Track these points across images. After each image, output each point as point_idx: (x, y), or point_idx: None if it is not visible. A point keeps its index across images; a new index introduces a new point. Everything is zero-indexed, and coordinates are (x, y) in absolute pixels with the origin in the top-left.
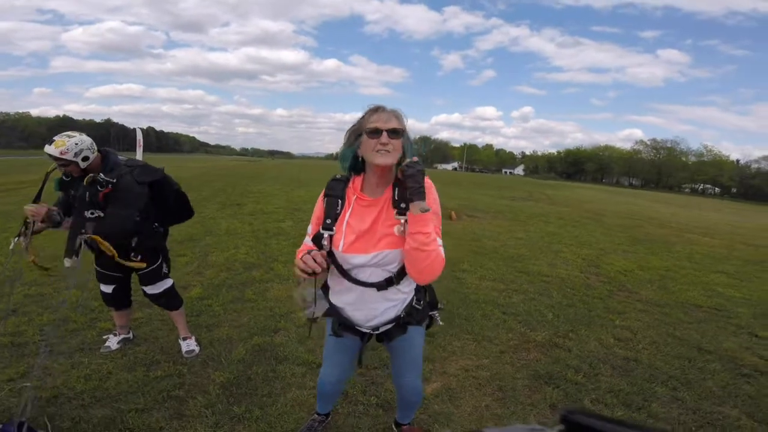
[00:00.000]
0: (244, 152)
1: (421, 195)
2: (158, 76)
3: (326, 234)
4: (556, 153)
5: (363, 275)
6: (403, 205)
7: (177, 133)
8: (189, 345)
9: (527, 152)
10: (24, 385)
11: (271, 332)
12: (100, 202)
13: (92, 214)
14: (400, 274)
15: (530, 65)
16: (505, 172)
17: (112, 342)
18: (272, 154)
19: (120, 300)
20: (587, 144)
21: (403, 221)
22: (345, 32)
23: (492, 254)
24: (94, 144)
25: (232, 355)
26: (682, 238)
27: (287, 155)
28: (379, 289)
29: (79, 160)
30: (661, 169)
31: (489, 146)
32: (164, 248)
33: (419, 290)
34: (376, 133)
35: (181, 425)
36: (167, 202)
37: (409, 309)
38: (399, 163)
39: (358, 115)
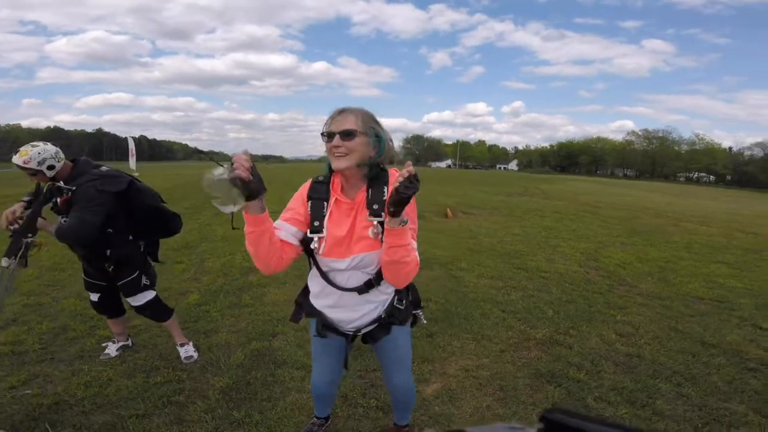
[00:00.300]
0: None
1: (400, 210)
2: (147, 85)
3: (316, 237)
4: (548, 147)
5: (341, 279)
6: (375, 207)
7: (170, 141)
8: (187, 351)
9: (520, 147)
10: (25, 392)
11: (269, 337)
12: (62, 210)
13: (63, 220)
14: (380, 276)
15: (517, 60)
16: (499, 168)
17: (112, 349)
18: (266, 158)
19: (108, 308)
20: (579, 136)
21: (376, 223)
22: (332, 34)
23: (489, 251)
24: (60, 153)
25: (231, 360)
26: (680, 228)
27: (280, 159)
28: (359, 293)
29: (43, 168)
30: (655, 159)
31: (481, 142)
32: (142, 261)
33: (401, 290)
34: (329, 136)
35: (182, 430)
36: (137, 214)
37: (391, 309)
38: (376, 164)
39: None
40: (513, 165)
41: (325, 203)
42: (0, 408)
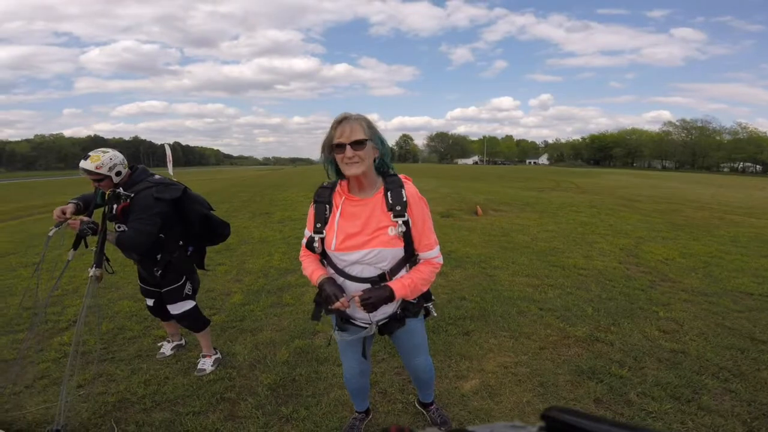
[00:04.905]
0: (266, 161)
1: (378, 305)
2: (177, 92)
3: (317, 237)
4: (580, 139)
5: (356, 271)
6: (398, 208)
7: (202, 147)
8: (204, 363)
9: (550, 140)
10: (80, 394)
11: (310, 335)
12: (119, 217)
13: (119, 227)
14: (393, 272)
15: (542, 52)
16: (529, 163)
17: (167, 348)
18: (293, 161)
19: (162, 311)
20: (612, 128)
21: (400, 222)
22: (351, 36)
23: (523, 249)
24: (125, 160)
25: (277, 357)
26: (725, 220)
27: (307, 161)
28: (373, 285)
29: (112, 174)
30: (695, 150)
31: (509, 137)
32: (189, 267)
33: None
34: (340, 147)
35: (235, 426)
36: (189, 220)
37: (405, 303)
38: (379, 167)
39: (374, 116)
40: (543, 159)
41: (328, 206)
42: (69, 406)
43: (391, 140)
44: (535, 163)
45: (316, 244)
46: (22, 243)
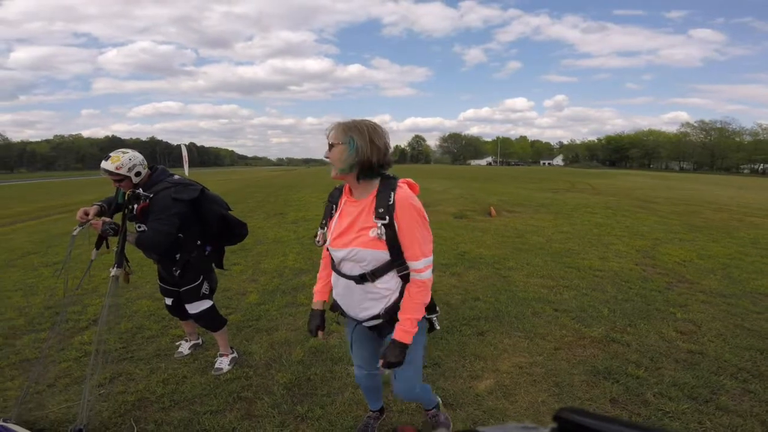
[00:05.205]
0: (280, 162)
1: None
2: (193, 93)
3: (319, 232)
4: (596, 140)
5: (345, 268)
6: (381, 210)
7: (217, 148)
8: (221, 363)
9: (565, 141)
10: (101, 392)
11: (325, 334)
12: (138, 217)
13: (139, 227)
14: (375, 274)
15: (556, 53)
16: (543, 164)
17: (184, 347)
18: (306, 162)
19: (180, 311)
20: (629, 129)
21: (380, 225)
22: (364, 36)
23: (537, 250)
24: (145, 161)
25: (292, 356)
26: (745, 222)
27: (320, 162)
28: (356, 282)
29: (132, 175)
30: (714, 151)
31: (523, 138)
32: (207, 267)
33: None
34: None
35: (252, 425)
36: (207, 220)
37: (394, 309)
38: (360, 171)
39: (386, 117)
40: (558, 160)
41: (334, 206)
42: (90, 405)
43: (404, 141)
44: (549, 164)
45: (318, 238)
46: (42, 243)
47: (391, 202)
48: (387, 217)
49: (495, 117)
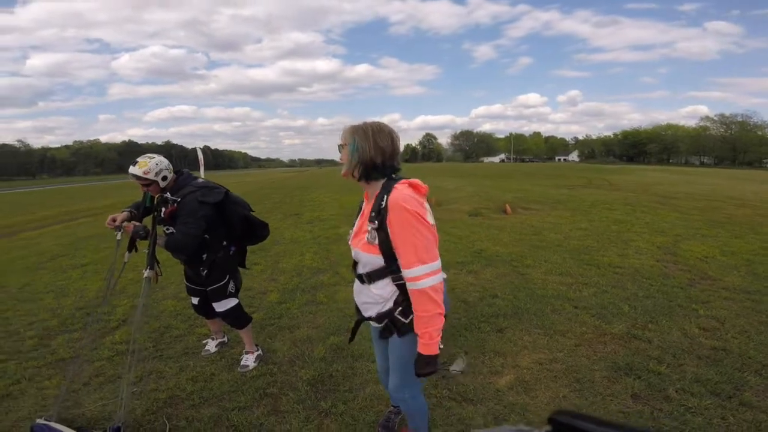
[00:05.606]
0: (292, 163)
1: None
2: (205, 97)
3: (350, 231)
4: (612, 136)
5: (357, 266)
6: (373, 214)
7: (230, 151)
8: (247, 360)
9: (580, 137)
10: (127, 390)
11: (344, 332)
12: (166, 220)
13: (167, 230)
14: (371, 277)
15: (569, 48)
16: (558, 160)
17: (211, 346)
18: (318, 162)
19: (206, 310)
20: (646, 124)
21: (370, 228)
22: (371, 36)
23: (555, 247)
24: (170, 165)
25: (314, 353)
26: None
27: (332, 162)
28: (360, 282)
29: (159, 179)
30: (736, 145)
31: (537, 134)
32: (233, 268)
33: (407, 305)
34: None
35: (278, 420)
36: (231, 222)
37: (391, 318)
38: (363, 171)
39: (395, 116)
40: (573, 156)
41: (361, 206)
42: (126, 404)
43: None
44: (564, 160)
45: (349, 237)
46: (70, 246)
47: (383, 205)
48: (377, 221)
49: (507, 113)
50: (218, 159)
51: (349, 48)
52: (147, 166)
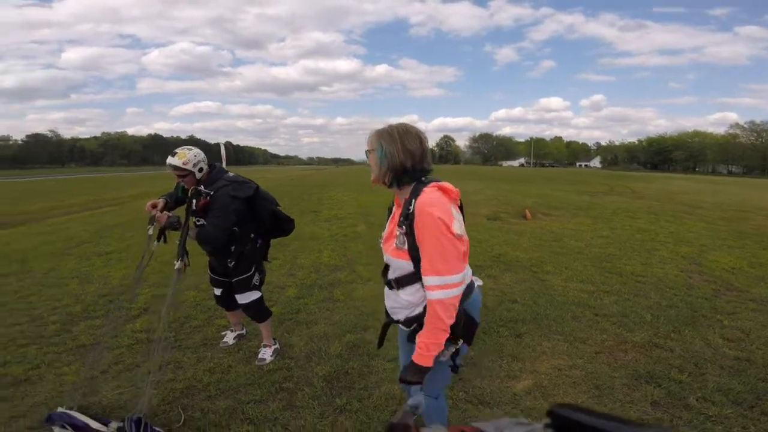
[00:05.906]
0: (310, 161)
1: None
2: (230, 94)
3: (381, 235)
4: (636, 142)
5: (388, 272)
6: (401, 219)
7: (251, 147)
8: (264, 353)
9: (603, 143)
10: (150, 380)
11: (361, 330)
12: (199, 212)
13: (198, 221)
14: (399, 282)
15: (593, 51)
16: (580, 166)
17: (229, 338)
18: (335, 161)
19: (228, 301)
20: (672, 130)
21: (398, 234)
22: (391, 37)
23: (576, 255)
24: (206, 158)
25: (330, 350)
26: None
27: (348, 162)
28: (389, 287)
29: (195, 170)
30: (767, 154)
31: (558, 139)
32: (259, 259)
33: None
34: None
35: (293, 415)
36: (260, 216)
37: (421, 323)
38: (394, 177)
39: (413, 117)
40: (596, 162)
41: (391, 209)
42: (141, 392)
43: (432, 141)
44: (586, 165)
45: (380, 240)
46: (96, 233)
47: (411, 210)
48: (405, 226)
49: (528, 117)
50: (239, 155)
51: (369, 48)
52: (186, 157)
